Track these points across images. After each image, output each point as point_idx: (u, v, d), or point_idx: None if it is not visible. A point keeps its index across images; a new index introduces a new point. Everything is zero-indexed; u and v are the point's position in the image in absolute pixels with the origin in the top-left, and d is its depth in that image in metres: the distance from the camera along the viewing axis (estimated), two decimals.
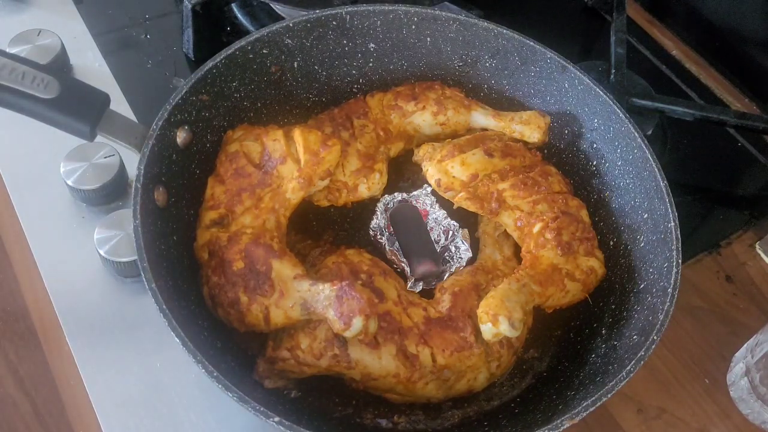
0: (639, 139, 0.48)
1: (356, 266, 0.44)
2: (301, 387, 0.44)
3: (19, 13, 0.64)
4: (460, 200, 0.48)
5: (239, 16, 0.65)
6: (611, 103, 0.49)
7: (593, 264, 0.46)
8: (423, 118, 0.52)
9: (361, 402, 0.44)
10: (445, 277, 0.48)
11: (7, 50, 0.56)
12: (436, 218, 0.52)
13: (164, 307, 0.38)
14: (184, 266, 0.44)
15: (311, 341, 0.41)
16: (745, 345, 0.51)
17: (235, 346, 0.44)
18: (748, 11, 0.67)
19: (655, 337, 0.40)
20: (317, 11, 0.51)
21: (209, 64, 0.47)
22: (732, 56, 0.69)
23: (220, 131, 0.49)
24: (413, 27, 0.53)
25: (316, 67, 0.53)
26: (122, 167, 0.53)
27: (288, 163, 0.46)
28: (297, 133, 0.47)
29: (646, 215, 0.47)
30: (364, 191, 0.49)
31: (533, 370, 0.47)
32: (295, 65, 0.52)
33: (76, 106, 0.43)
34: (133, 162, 0.44)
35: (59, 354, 0.47)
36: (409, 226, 0.50)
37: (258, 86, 0.51)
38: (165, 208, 0.44)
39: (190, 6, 0.59)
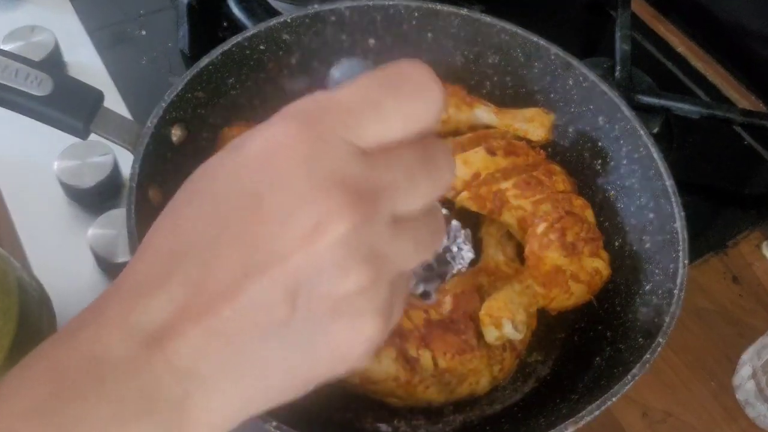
0: (644, 138, 0.47)
1: None
2: None
3: (12, 10, 0.63)
4: (462, 200, 0.47)
5: (235, 11, 0.64)
6: (616, 100, 0.49)
7: (598, 265, 0.45)
8: None
9: (361, 406, 0.44)
10: (447, 279, 0.47)
11: (1, 47, 0.56)
12: None
13: None
14: None
15: None
16: (751, 347, 0.50)
17: None
18: (754, 7, 0.66)
19: (660, 340, 0.40)
20: (315, 6, 0.50)
21: (205, 60, 0.46)
22: (739, 53, 0.68)
23: (216, 129, 0.48)
24: (414, 22, 0.52)
25: (315, 64, 0.52)
26: (116, 166, 0.53)
27: None
28: None
29: (651, 215, 0.47)
30: None
31: (536, 374, 0.46)
32: (293, 61, 0.51)
33: (69, 104, 0.42)
34: (127, 160, 0.43)
35: None
36: None
37: (255, 83, 0.50)
38: (160, 207, 0.43)
39: (185, 1, 0.58)
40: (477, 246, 0.50)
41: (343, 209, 0.20)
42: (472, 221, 0.51)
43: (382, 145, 0.22)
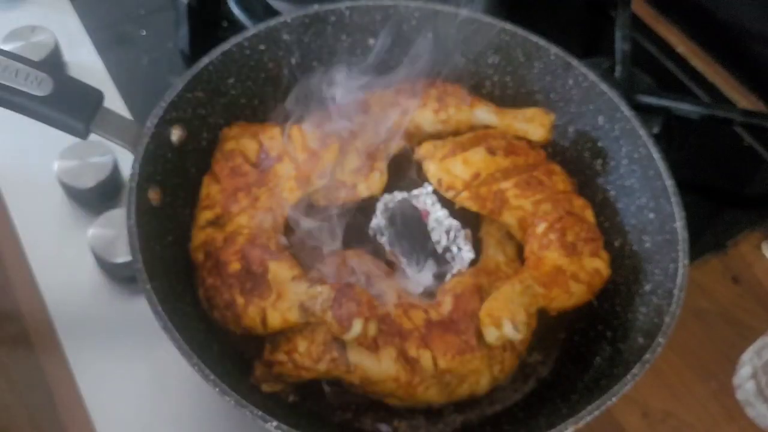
0: (644, 138, 0.47)
1: (355, 267, 0.43)
2: (300, 391, 0.43)
3: (12, 10, 0.64)
4: (462, 200, 0.47)
5: (235, 11, 0.64)
6: (616, 100, 0.49)
7: (598, 265, 0.45)
8: (424, 115, 0.51)
9: (361, 406, 0.44)
10: (447, 279, 0.47)
11: (1, 47, 0.56)
12: (438, 218, 0.51)
13: (159, 308, 0.37)
14: (179, 267, 0.43)
15: (309, 344, 0.40)
16: (751, 347, 0.50)
17: (232, 350, 0.43)
18: (754, 7, 0.66)
19: (660, 340, 0.40)
20: (316, 6, 0.50)
21: (205, 60, 0.47)
22: (739, 53, 0.68)
23: (216, 129, 0.48)
24: (414, 22, 0.52)
25: (315, 64, 0.52)
26: (116, 166, 0.52)
27: (285, 161, 0.45)
28: (295, 131, 0.46)
29: (652, 215, 0.46)
30: (363, 190, 0.48)
31: (537, 374, 0.46)
32: (293, 61, 0.51)
33: (69, 104, 0.42)
34: (127, 161, 0.43)
35: (53, 356, 0.46)
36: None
37: (255, 83, 0.50)
38: (160, 207, 0.43)
39: (185, 1, 0.58)
40: (477, 246, 0.50)
41: None
42: (472, 221, 0.51)
43: None
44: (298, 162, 0.46)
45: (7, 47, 0.58)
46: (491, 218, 0.49)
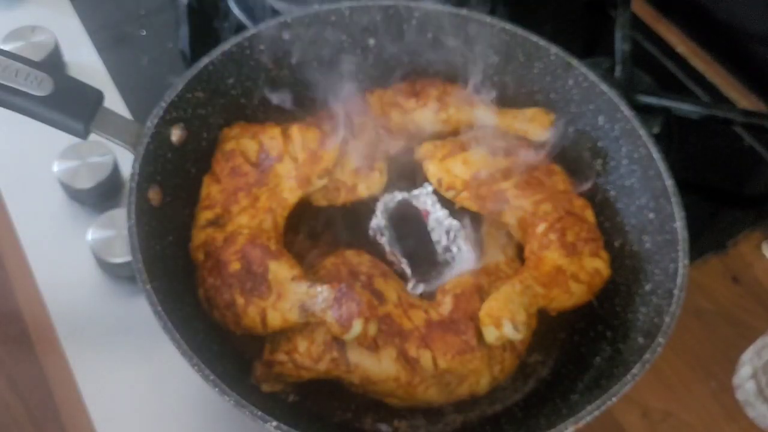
0: (644, 138, 0.47)
1: (355, 267, 0.43)
2: (300, 391, 0.43)
3: (12, 10, 0.64)
4: (462, 200, 0.47)
5: (235, 11, 0.64)
6: (616, 100, 0.49)
7: (598, 265, 0.45)
8: (424, 115, 0.51)
9: (361, 406, 0.44)
10: (447, 279, 0.47)
11: (1, 47, 0.56)
12: (438, 218, 0.51)
13: (159, 308, 0.37)
14: (179, 267, 0.43)
15: (309, 344, 0.40)
16: (751, 347, 0.50)
17: (232, 349, 0.43)
18: (754, 8, 0.66)
19: (660, 340, 0.40)
20: (316, 6, 0.50)
21: (205, 60, 0.47)
22: (739, 53, 0.68)
23: (216, 129, 0.48)
24: (414, 22, 0.52)
25: (315, 64, 0.52)
26: (116, 166, 0.53)
27: (285, 161, 0.45)
28: (295, 131, 0.46)
29: (652, 215, 0.46)
30: (363, 190, 0.48)
31: (537, 374, 0.46)
32: (293, 61, 0.51)
33: (69, 104, 0.43)
34: (127, 161, 0.43)
35: (53, 356, 0.46)
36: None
37: (255, 83, 0.50)
38: (160, 207, 0.43)
39: (185, 1, 0.58)
40: (477, 246, 0.50)
41: None
42: (472, 221, 0.51)
43: None
44: (298, 162, 0.46)
45: (7, 47, 0.58)
46: (491, 218, 0.49)
